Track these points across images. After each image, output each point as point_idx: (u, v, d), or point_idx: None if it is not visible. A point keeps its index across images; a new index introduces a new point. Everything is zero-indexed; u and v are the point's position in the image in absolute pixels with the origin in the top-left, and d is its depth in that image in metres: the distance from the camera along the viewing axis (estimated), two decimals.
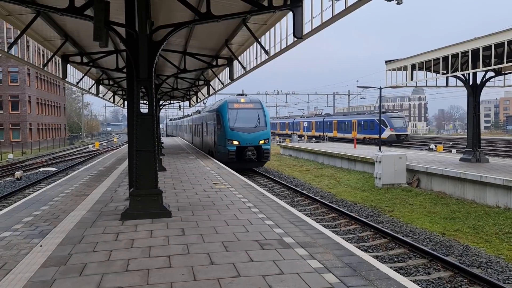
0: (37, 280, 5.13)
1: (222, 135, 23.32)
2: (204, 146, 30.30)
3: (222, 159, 22.76)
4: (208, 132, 27.97)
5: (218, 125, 24.10)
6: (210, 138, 27.06)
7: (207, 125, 28.55)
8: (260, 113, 23.93)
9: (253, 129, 23.27)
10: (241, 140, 22.87)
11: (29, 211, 9.24)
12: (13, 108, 52.17)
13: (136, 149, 8.52)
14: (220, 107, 24.40)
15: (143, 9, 8.29)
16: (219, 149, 23.86)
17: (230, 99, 24.72)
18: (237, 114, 23.50)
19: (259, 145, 23.13)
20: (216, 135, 24.39)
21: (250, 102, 24.46)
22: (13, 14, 11.04)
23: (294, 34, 9.32)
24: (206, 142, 29.19)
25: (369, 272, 5.37)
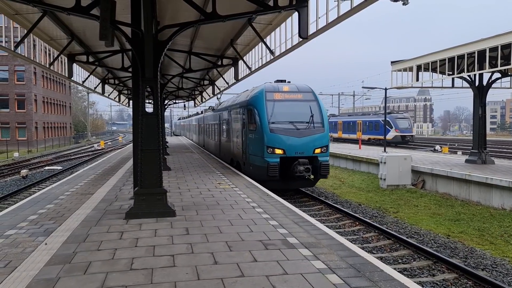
0: (42, 278, 5.15)
1: (258, 140, 15.55)
2: (224, 154, 22.37)
3: (257, 176, 15.37)
4: (232, 135, 19.97)
5: (250, 125, 16.35)
6: (235, 144, 19.16)
7: (230, 125, 20.57)
8: (314, 107, 16.10)
9: (305, 132, 15.49)
10: (287, 148, 15.08)
11: (34, 210, 9.29)
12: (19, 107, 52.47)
13: (141, 148, 8.55)
14: (253, 99, 16.49)
15: (149, 9, 8.31)
16: (252, 160, 16.09)
17: (268, 86, 16.78)
18: (280, 109, 15.78)
19: (314, 155, 15.33)
20: (247, 139, 16.77)
21: (298, 91, 16.57)
22: (20, 13, 11.10)
23: (299, 34, 9.31)
24: (228, 149, 21.10)
25: (373, 273, 5.35)
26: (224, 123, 22.45)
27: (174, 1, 10.06)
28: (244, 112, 17.12)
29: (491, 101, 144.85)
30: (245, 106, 17.19)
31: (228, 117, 21.00)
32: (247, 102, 17.01)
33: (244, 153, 17.24)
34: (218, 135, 24.85)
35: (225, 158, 21.82)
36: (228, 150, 21.07)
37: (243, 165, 17.54)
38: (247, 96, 17.86)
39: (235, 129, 19.11)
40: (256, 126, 15.64)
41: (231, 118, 20.08)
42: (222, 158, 22.95)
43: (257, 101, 16.10)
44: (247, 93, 18.71)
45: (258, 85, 17.82)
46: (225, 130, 22.07)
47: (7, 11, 10.81)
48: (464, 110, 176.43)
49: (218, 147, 24.72)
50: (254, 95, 16.69)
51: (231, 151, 20.20)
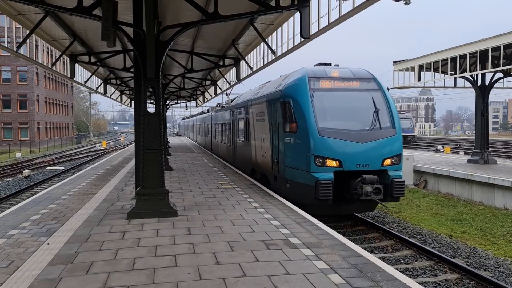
0: (44, 278, 5.16)
1: (300, 146, 11.08)
2: (242, 162, 17.59)
3: (298, 197, 11.05)
4: (253, 138, 15.33)
5: (286, 126, 11.79)
6: (259, 151, 14.48)
7: (250, 125, 15.92)
8: (379, 99, 11.62)
9: (369, 135, 11.06)
10: (345, 159, 10.67)
11: (37, 209, 9.31)
12: (21, 107, 52.61)
13: (143, 149, 8.56)
14: (291, 89, 11.86)
15: (151, 9, 8.32)
16: (290, 175, 11.49)
17: (312, 70, 12.08)
18: (331, 102, 11.43)
19: (383, 169, 10.94)
20: (280, 145, 12.14)
21: (354, 77, 11.96)
22: (22, 13, 11.13)
23: (301, 34, 9.30)
24: (247, 156, 16.44)
25: (375, 274, 5.34)
26: (240, 122, 17.87)
27: (175, 1, 10.06)
28: (276, 108, 12.52)
29: (493, 101, 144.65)
30: (276, 99, 12.50)
31: (247, 114, 16.44)
32: (281, 93, 12.21)
33: (275, 164, 12.53)
34: (231, 138, 20.25)
35: (243, 167, 17.19)
36: (247, 158, 16.41)
37: (273, 180, 12.74)
38: (278, 85, 13.19)
39: (259, 130, 14.41)
40: (297, 126, 11.01)
41: (252, 115, 15.46)
42: (237, 166, 18.30)
43: (297, 91, 11.43)
44: (277, 82, 13.89)
45: (293, 71, 13.02)
46: (242, 131, 17.47)
47: (9, 12, 10.84)
48: (466, 110, 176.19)
49: (232, 152, 20.09)
50: (291, 83, 11.95)
51: (252, 159, 15.47)
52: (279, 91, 12.49)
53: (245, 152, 16.94)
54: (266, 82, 16.61)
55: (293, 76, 12.51)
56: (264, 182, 13.76)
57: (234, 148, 19.47)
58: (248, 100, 16.60)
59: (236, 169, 15.09)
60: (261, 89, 15.92)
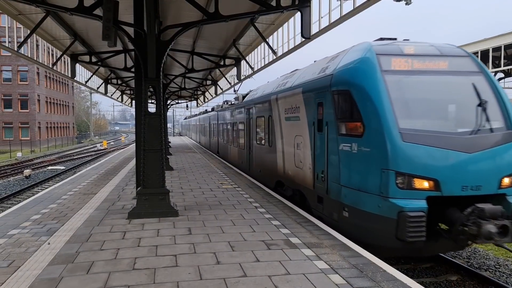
0: (45, 277, 5.17)
1: (369, 157, 7.49)
2: (262, 171, 14.18)
3: (368, 236, 7.49)
4: (281, 143, 11.86)
5: (343, 126, 8.23)
6: (291, 159, 11.00)
7: (275, 124, 12.45)
8: (482, 86, 7.99)
9: (476, 140, 7.41)
10: (445, 177, 7.04)
11: (38, 209, 9.31)
12: (22, 107, 52.66)
13: (143, 148, 8.56)
14: (352, 71, 8.18)
15: (152, 9, 8.32)
16: (352, 199, 7.79)
17: (379, 46, 8.32)
18: (413, 91, 7.76)
19: (501, 192, 7.26)
20: (335, 154, 8.36)
21: (440, 54, 8.31)
22: (23, 13, 11.14)
23: (302, 34, 9.31)
24: (270, 166, 12.91)
25: (375, 274, 5.34)
26: (259, 121, 14.36)
27: (176, 1, 10.06)
28: (322, 100, 8.82)
29: None
30: (322, 88, 8.81)
31: (270, 111, 12.78)
32: (333, 79, 8.49)
33: (320, 180, 8.86)
34: (246, 140, 16.74)
35: (263, 178, 13.85)
36: (270, 167, 12.88)
37: (315, 201, 9.15)
38: (322, 69, 9.38)
39: (291, 132, 10.85)
40: (364, 127, 7.53)
41: (279, 112, 11.83)
42: (254, 175, 15.09)
43: (362, 74, 7.84)
44: (318, 65, 10.02)
45: (345, 49, 9.21)
46: (262, 133, 13.96)
47: (10, 12, 10.85)
48: None
49: (247, 158, 16.58)
50: (350, 64, 8.23)
51: (279, 170, 11.93)
52: (328, 77, 8.68)
53: (266, 160, 13.35)
54: (293, 71, 12.91)
55: (349, 54, 8.58)
56: (298, 202, 10.33)
57: (250, 153, 16.10)
58: (271, 93, 12.90)
59: (253, 179, 13.35)
60: (289, 78, 12.12)
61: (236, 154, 19.41)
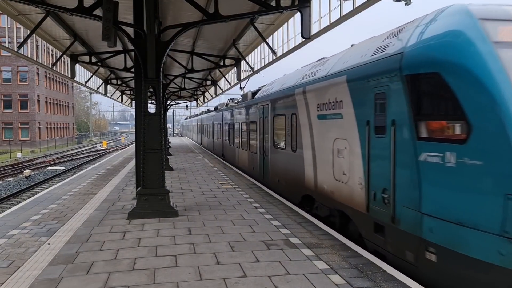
0: (45, 278, 5.16)
1: (481, 174, 4.81)
2: (281, 182, 11.92)
3: None
4: (310, 148, 9.52)
5: (422, 127, 5.61)
6: (330, 170, 8.30)
7: (303, 125, 10.02)
8: None
9: None
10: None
11: (37, 210, 9.31)
12: (22, 107, 52.62)
13: (143, 149, 8.56)
14: (441, 45, 5.44)
15: (152, 9, 8.33)
16: (448, 238, 5.09)
17: (481, 9, 5.37)
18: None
19: None
20: (412, 168, 5.70)
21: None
22: (23, 14, 11.14)
23: (301, 35, 9.31)
24: (297, 177, 10.44)
25: (375, 274, 5.34)
26: (278, 121, 12.06)
27: (176, 2, 10.07)
28: (389, 90, 6.35)
29: None
30: (390, 72, 6.31)
31: (293, 108, 10.53)
32: (410, 58, 5.95)
33: (380, 202, 6.54)
34: (259, 143, 14.59)
35: (284, 189, 11.46)
36: (294, 176, 10.55)
37: (371, 230, 6.83)
38: (384, 46, 6.89)
39: (327, 134, 8.52)
40: (470, 127, 4.99)
41: (307, 109, 9.56)
42: (271, 185, 12.76)
43: (462, 49, 5.27)
44: (374, 42, 7.52)
45: (424, 16, 6.49)
46: (282, 135, 11.65)
47: (10, 12, 10.85)
48: None
49: (260, 164, 14.39)
50: (437, 36, 5.66)
51: (307, 182, 9.59)
52: (394, 57, 6.22)
53: (289, 168, 10.98)
54: (320, 60, 10.57)
55: (430, 23, 6.05)
56: (339, 226, 8.06)
57: (264, 158, 13.74)
58: (295, 86, 10.47)
59: (269, 190, 11.55)
60: (320, 65, 9.65)
61: (245, 159, 17.02)
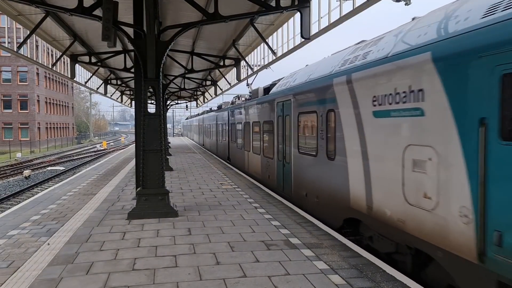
0: (45, 278, 5.16)
1: None
2: (312, 196, 9.37)
3: None
4: (360, 156, 7.04)
5: None
6: (399, 187, 5.84)
7: (347, 126, 7.53)
8: None
9: None
10: None
11: (37, 210, 9.31)
12: (22, 107, 52.61)
13: (143, 149, 8.56)
14: None
15: (151, 9, 8.32)
16: None
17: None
18: None
19: None
20: None
21: None
22: (22, 14, 11.14)
23: (301, 35, 9.31)
24: (336, 193, 7.99)
25: (375, 274, 5.34)
26: (304, 120, 9.88)
27: (176, 2, 10.07)
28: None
29: None
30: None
31: (327, 104, 8.44)
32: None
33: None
34: (277, 147, 12.11)
35: (316, 208, 9.14)
36: (333, 193, 8.23)
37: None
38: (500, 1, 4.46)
39: (388, 139, 6.25)
40: None
41: (352, 104, 7.37)
42: (297, 200, 10.36)
43: None
44: (467, 4, 5.16)
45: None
46: (312, 138, 9.38)
47: (10, 12, 10.85)
48: None
49: (279, 172, 11.95)
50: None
51: (355, 202, 7.33)
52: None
53: (323, 180, 8.62)
54: (359, 42, 8.57)
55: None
56: (407, 267, 6.13)
57: (284, 165, 11.37)
58: (332, 75, 8.14)
59: (292, 205, 9.85)
60: (370, 46, 7.35)
61: (258, 165, 14.61)
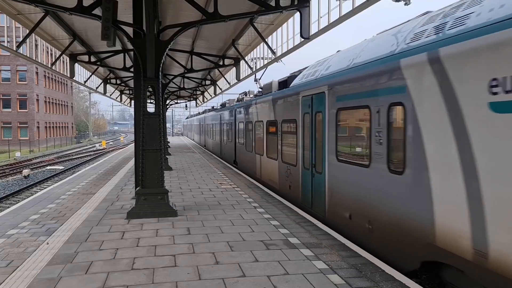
0: (44, 277, 5.16)
1: None
2: (355, 221, 7.28)
3: None
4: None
5: None
6: None
7: (439, 129, 5.06)
8: None
9: None
10: None
11: (36, 209, 9.30)
12: (21, 107, 52.58)
13: (142, 148, 8.56)
14: None
15: (151, 9, 8.32)
16: None
17: None
18: None
19: None
20: None
21: None
22: (22, 13, 11.12)
23: (301, 35, 9.31)
24: (409, 225, 5.71)
25: (374, 274, 5.34)
26: (348, 118, 7.79)
27: (176, 1, 10.06)
28: None
29: None
30: None
31: (388, 95, 6.26)
32: None
33: None
34: (302, 153, 10.04)
35: (367, 235, 6.96)
36: (401, 223, 5.98)
37: None
38: None
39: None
40: None
41: (443, 97, 5.02)
42: (335, 223, 8.15)
43: None
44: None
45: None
46: (361, 143, 7.27)
47: (9, 11, 10.83)
48: None
49: (306, 184, 9.81)
50: None
51: (442, 239, 5.11)
52: None
53: (385, 201, 6.46)
54: (424, 14, 6.92)
55: None
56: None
57: (315, 176, 9.14)
58: (401, 53, 6.17)
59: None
60: (467, 8, 5.29)
61: (274, 172, 12.38)
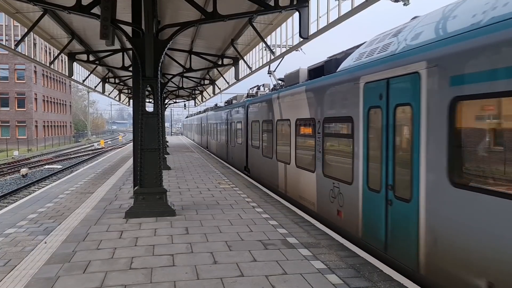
0: (41, 277, 5.15)
1: None
2: None
3: None
4: None
5: None
6: None
7: None
8: None
9: None
10: None
11: (34, 208, 9.28)
12: (19, 106, 52.44)
13: (141, 148, 8.55)
14: None
15: (150, 8, 8.31)
16: None
17: None
18: None
19: None
20: None
21: None
22: (20, 12, 11.10)
23: (300, 34, 9.31)
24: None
25: (372, 274, 5.34)
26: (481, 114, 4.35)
27: (175, 1, 10.05)
28: None
29: None
30: None
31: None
32: None
33: None
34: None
35: None
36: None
37: None
38: None
39: None
40: None
41: None
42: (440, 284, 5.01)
43: None
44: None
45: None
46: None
47: (7, 10, 10.81)
48: None
49: (377, 216, 6.32)
50: None
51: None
52: None
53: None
54: None
55: None
56: None
57: (390, 204, 6.00)
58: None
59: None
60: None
61: (310, 189, 9.29)
